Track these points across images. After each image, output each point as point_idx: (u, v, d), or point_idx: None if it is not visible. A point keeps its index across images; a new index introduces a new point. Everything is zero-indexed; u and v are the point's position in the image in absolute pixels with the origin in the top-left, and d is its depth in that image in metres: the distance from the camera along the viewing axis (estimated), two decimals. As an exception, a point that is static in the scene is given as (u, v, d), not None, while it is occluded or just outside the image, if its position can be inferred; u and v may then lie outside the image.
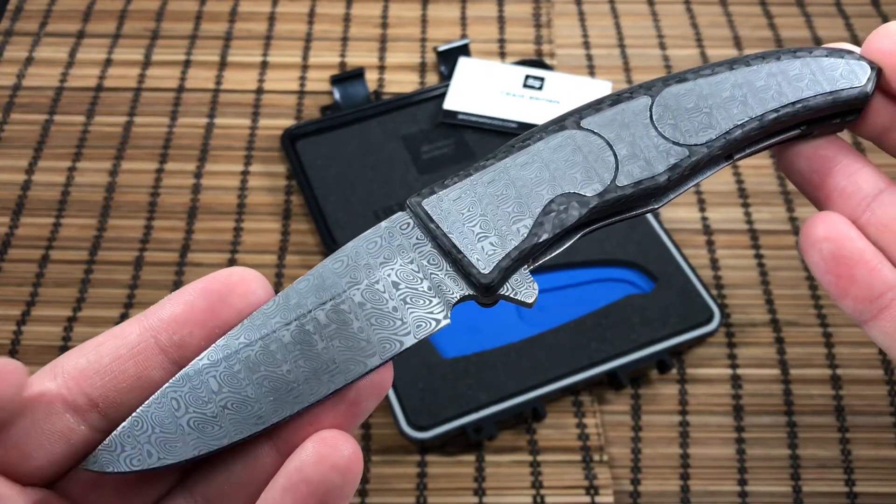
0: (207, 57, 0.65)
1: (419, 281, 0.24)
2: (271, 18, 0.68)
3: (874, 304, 0.25)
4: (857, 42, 0.66)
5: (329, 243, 0.54)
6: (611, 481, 0.46)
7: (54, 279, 0.54)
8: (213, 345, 0.23)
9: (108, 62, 0.65)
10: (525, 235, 0.24)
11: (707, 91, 0.26)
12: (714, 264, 0.55)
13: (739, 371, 0.50)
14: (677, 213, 0.57)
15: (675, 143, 0.25)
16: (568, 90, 0.61)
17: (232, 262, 0.55)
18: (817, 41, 0.67)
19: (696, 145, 0.25)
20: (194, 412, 0.22)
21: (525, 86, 0.61)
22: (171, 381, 0.23)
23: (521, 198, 0.25)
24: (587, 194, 0.25)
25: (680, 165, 0.25)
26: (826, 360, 0.51)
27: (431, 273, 0.24)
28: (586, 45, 0.67)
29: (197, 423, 0.22)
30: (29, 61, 0.65)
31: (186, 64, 0.65)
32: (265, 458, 0.23)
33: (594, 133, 0.25)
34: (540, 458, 0.47)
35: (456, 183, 0.25)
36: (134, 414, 0.22)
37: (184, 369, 0.23)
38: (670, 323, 0.50)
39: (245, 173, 0.59)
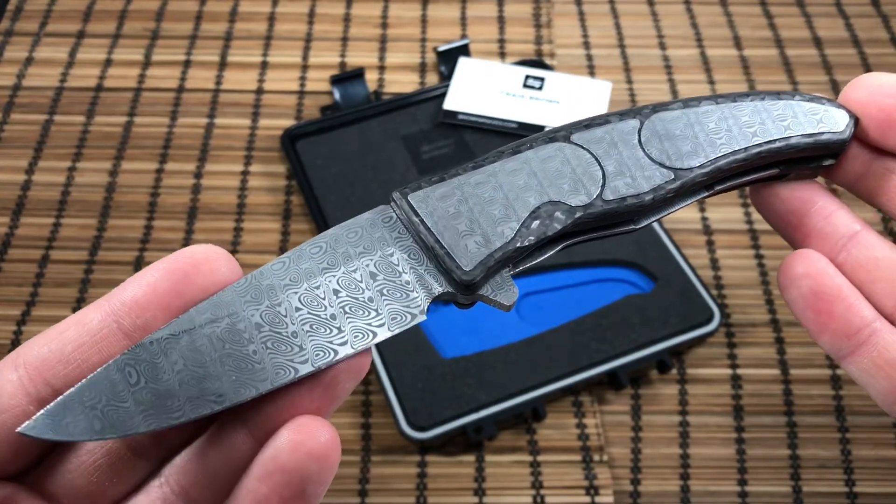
0: (207, 57, 0.65)
1: (397, 274, 0.24)
2: (271, 18, 0.68)
3: (851, 341, 0.25)
4: (858, 42, 0.66)
5: (329, 243, 0.54)
6: (611, 481, 0.46)
7: (54, 279, 0.54)
8: (178, 317, 0.22)
9: (108, 62, 0.65)
10: (509, 238, 0.24)
11: (694, 120, 0.26)
12: (714, 264, 0.55)
13: (739, 371, 0.50)
14: (677, 213, 0.57)
15: (661, 164, 0.26)
16: (568, 90, 0.61)
17: (232, 262, 0.55)
18: (817, 41, 0.67)
19: (681, 169, 0.26)
20: (150, 385, 0.21)
21: (525, 86, 0.61)
22: (128, 350, 0.22)
23: (509, 201, 0.25)
24: (573, 204, 0.25)
25: (664, 187, 0.25)
26: (826, 360, 0.51)
27: (411, 267, 0.24)
28: (586, 45, 0.67)
29: (152, 397, 0.21)
30: (29, 61, 0.65)
31: (186, 64, 0.65)
32: (241, 446, 0.23)
33: (583, 148, 0.26)
34: (540, 458, 0.47)
35: (444, 181, 0.25)
36: (84, 380, 0.21)
37: (143, 338, 0.22)
38: (670, 323, 0.50)
39: (245, 173, 0.59)
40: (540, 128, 0.59)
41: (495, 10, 0.69)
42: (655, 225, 0.54)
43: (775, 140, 0.26)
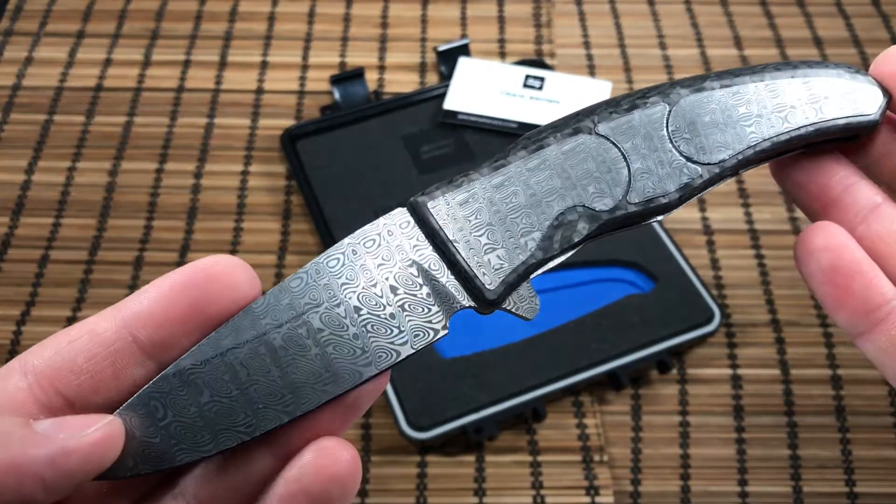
0: (207, 57, 0.65)
1: (418, 287, 0.23)
2: (271, 18, 0.68)
3: (869, 318, 0.25)
4: (858, 42, 0.66)
5: (329, 243, 0.54)
6: (611, 481, 0.46)
7: (54, 279, 0.54)
8: (199, 344, 0.22)
9: (107, 62, 0.65)
10: (533, 249, 0.23)
11: (724, 104, 0.25)
12: (714, 264, 0.55)
13: (740, 371, 0.50)
14: (677, 213, 0.56)
15: (689, 159, 0.25)
16: (568, 90, 0.61)
17: (232, 263, 0.55)
18: (817, 41, 0.67)
19: (709, 164, 0.25)
20: (177, 419, 0.21)
21: (525, 86, 0.61)
22: (151, 382, 0.21)
23: (531, 207, 0.24)
24: (597, 209, 0.24)
25: (692, 185, 0.24)
26: (826, 360, 0.51)
27: (432, 279, 0.23)
28: (586, 45, 0.67)
29: (181, 431, 0.21)
30: (29, 61, 0.65)
31: (186, 64, 0.65)
32: (261, 462, 0.22)
33: (609, 140, 0.24)
34: (540, 458, 0.47)
35: (463, 185, 0.24)
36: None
37: (166, 370, 0.22)
38: (670, 323, 0.50)
39: (245, 173, 0.59)
40: (540, 128, 0.59)
41: (495, 10, 0.69)
42: (655, 225, 0.54)
43: (806, 126, 0.25)
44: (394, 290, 0.23)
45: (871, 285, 0.25)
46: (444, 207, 0.23)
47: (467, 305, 0.23)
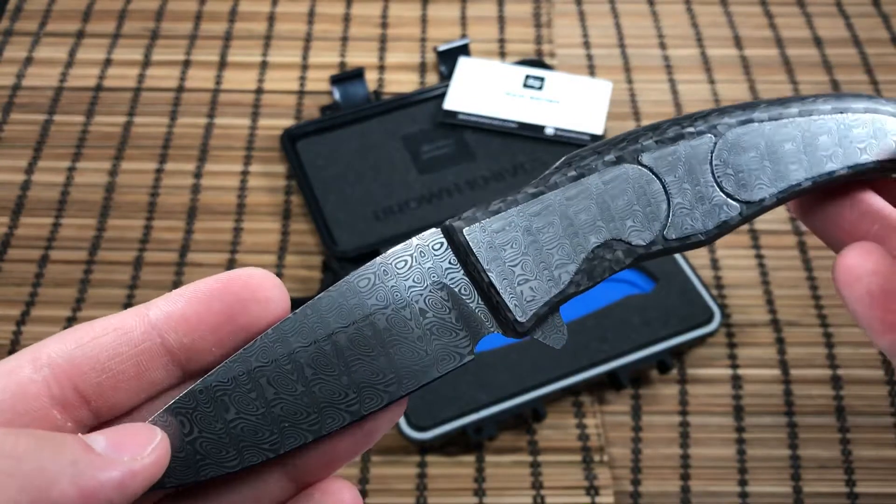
0: (207, 57, 0.65)
1: (447, 311, 0.23)
2: (271, 18, 0.68)
3: None
4: (858, 42, 0.66)
5: (329, 243, 0.54)
6: (611, 482, 0.46)
7: (54, 279, 0.54)
8: (226, 360, 0.21)
9: (107, 62, 0.65)
10: (567, 283, 0.23)
11: (770, 138, 0.24)
12: (714, 264, 0.55)
13: (740, 371, 0.50)
14: (677, 213, 0.56)
15: (729, 196, 0.24)
16: (568, 90, 0.61)
17: (232, 263, 0.55)
18: (817, 41, 0.67)
19: (750, 202, 0.24)
20: (204, 434, 0.21)
21: (525, 86, 0.61)
22: (179, 397, 0.21)
23: (568, 237, 0.23)
24: (634, 243, 0.23)
25: (729, 223, 0.24)
26: (827, 360, 0.51)
27: (461, 304, 0.23)
28: (586, 45, 0.67)
29: (206, 447, 0.21)
30: (28, 61, 0.65)
31: (186, 64, 0.65)
32: (274, 482, 0.22)
33: (652, 172, 0.24)
34: (540, 458, 0.47)
35: (501, 212, 0.23)
36: None
37: (194, 385, 0.21)
38: (670, 323, 0.50)
39: (245, 173, 0.59)
40: (540, 128, 0.59)
41: (495, 10, 0.69)
42: (656, 225, 0.54)
43: (847, 167, 0.25)
44: (423, 313, 0.22)
45: None
46: (480, 234, 0.23)
47: (495, 332, 0.23)
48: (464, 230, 0.23)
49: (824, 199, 0.26)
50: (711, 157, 0.24)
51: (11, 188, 0.58)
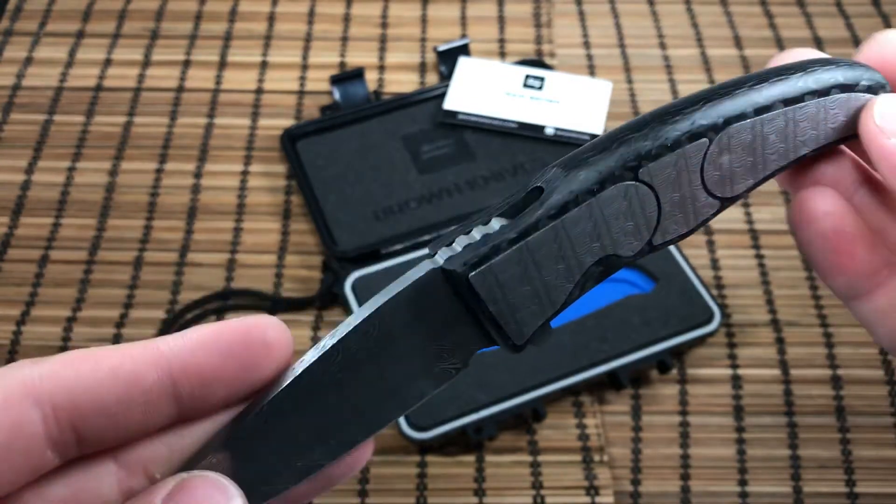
0: (207, 57, 0.65)
1: (442, 337, 0.23)
2: (271, 18, 0.68)
3: (871, 280, 0.24)
4: (858, 42, 0.66)
5: (329, 243, 0.54)
6: (611, 482, 0.46)
7: (54, 279, 0.54)
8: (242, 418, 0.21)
9: (107, 62, 0.65)
10: (562, 301, 0.23)
11: (759, 131, 0.24)
12: (714, 264, 0.55)
13: (740, 371, 0.50)
14: (677, 213, 0.56)
15: (712, 195, 0.24)
16: (568, 90, 0.61)
17: (232, 262, 0.55)
18: (817, 41, 0.67)
19: (730, 198, 0.24)
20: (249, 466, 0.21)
21: (525, 86, 0.61)
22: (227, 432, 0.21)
23: (567, 260, 0.23)
24: (623, 255, 0.24)
25: (708, 218, 0.24)
26: (827, 360, 0.51)
27: (456, 330, 0.23)
28: (586, 44, 0.67)
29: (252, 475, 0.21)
30: (28, 61, 0.65)
31: (186, 64, 0.65)
32: None
33: (647, 185, 0.23)
34: (540, 458, 0.47)
35: (505, 252, 0.22)
36: None
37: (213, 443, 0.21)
38: (670, 323, 0.50)
39: (245, 173, 0.59)
40: (540, 128, 0.59)
41: (495, 10, 0.69)
42: (656, 225, 0.54)
43: (822, 146, 0.25)
44: (422, 349, 0.23)
45: (874, 248, 0.24)
46: (488, 276, 0.22)
47: (490, 348, 0.23)
48: (470, 277, 0.22)
49: (807, 170, 0.26)
50: (703, 161, 0.24)
51: (11, 188, 0.58)
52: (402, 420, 0.46)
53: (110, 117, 0.62)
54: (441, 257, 0.23)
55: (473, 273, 0.22)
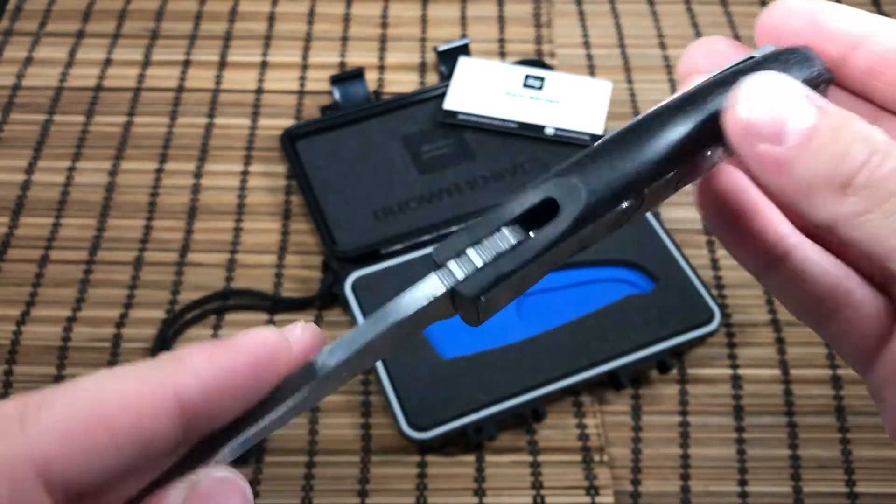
0: (207, 57, 0.65)
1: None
2: (271, 18, 0.68)
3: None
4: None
5: (329, 243, 0.54)
6: (611, 482, 0.46)
7: (54, 279, 0.54)
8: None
9: (107, 62, 0.65)
10: (532, 286, 0.23)
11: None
12: (714, 264, 0.55)
13: (740, 371, 0.50)
14: (677, 213, 0.57)
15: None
16: (568, 90, 0.61)
17: (232, 262, 0.55)
18: (817, 41, 0.66)
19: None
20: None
21: (525, 86, 0.61)
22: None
23: (556, 264, 0.23)
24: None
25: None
26: (827, 360, 0.51)
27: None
28: (586, 44, 0.67)
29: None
30: (28, 61, 0.65)
31: (186, 64, 0.65)
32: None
33: (643, 201, 0.23)
34: (540, 458, 0.47)
35: (518, 273, 0.22)
36: None
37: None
38: (670, 323, 0.50)
39: (245, 173, 0.59)
40: (540, 128, 0.59)
41: (495, 10, 0.69)
42: (655, 225, 0.54)
43: None
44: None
45: (776, 223, 0.24)
46: (491, 298, 0.22)
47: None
48: (481, 299, 0.22)
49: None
50: None
51: (11, 188, 0.58)
52: (402, 420, 0.46)
53: (110, 117, 0.62)
54: (451, 274, 0.22)
55: (487, 295, 0.22)
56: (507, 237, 0.22)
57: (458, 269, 0.22)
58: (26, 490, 0.17)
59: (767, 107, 0.20)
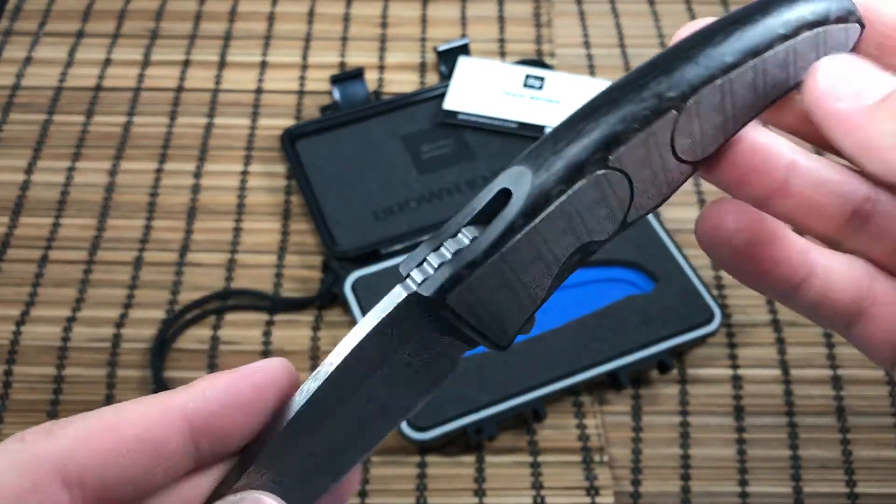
0: (207, 57, 0.65)
1: (431, 349, 0.23)
2: (271, 18, 0.68)
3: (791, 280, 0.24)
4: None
5: (329, 243, 0.54)
6: (611, 482, 0.46)
7: (53, 279, 0.54)
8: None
9: (107, 62, 0.65)
10: (543, 296, 0.23)
11: (728, 89, 0.22)
12: (714, 264, 0.54)
13: (740, 371, 0.50)
14: (677, 213, 0.56)
15: (685, 161, 0.23)
16: (568, 90, 0.61)
17: (232, 262, 0.54)
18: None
19: (702, 160, 0.23)
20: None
21: (525, 85, 0.61)
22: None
23: (543, 259, 0.23)
24: (598, 240, 0.23)
25: (680, 182, 0.23)
26: (827, 360, 0.51)
27: (441, 341, 0.23)
28: (586, 44, 0.67)
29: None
30: (28, 61, 0.65)
31: (186, 64, 0.65)
32: None
33: (622, 172, 0.22)
34: (540, 458, 0.47)
35: (480, 267, 0.22)
36: None
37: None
38: (671, 323, 0.50)
39: (245, 173, 0.59)
40: (540, 128, 0.59)
41: (495, 10, 0.69)
42: (655, 225, 0.54)
43: (790, 89, 0.23)
44: (409, 364, 0.23)
45: (791, 248, 0.24)
46: (466, 295, 0.22)
47: (475, 351, 0.24)
48: (447, 300, 0.22)
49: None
50: (673, 133, 0.22)
51: (11, 188, 0.58)
52: (402, 420, 0.46)
53: (110, 117, 0.62)
54: (413, 281, 0.22)
55: (451, 295, 0.22)
56: (463, 238, 0.22)
57: (418, 276, 0.22)
58: (45, 485, 0.19)
59: (846, 75, 0.22)
